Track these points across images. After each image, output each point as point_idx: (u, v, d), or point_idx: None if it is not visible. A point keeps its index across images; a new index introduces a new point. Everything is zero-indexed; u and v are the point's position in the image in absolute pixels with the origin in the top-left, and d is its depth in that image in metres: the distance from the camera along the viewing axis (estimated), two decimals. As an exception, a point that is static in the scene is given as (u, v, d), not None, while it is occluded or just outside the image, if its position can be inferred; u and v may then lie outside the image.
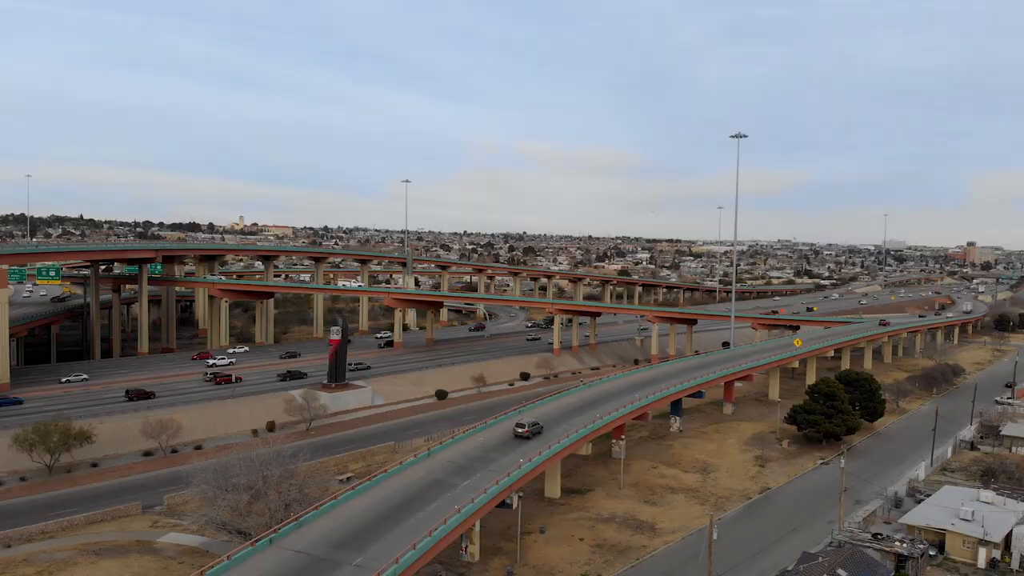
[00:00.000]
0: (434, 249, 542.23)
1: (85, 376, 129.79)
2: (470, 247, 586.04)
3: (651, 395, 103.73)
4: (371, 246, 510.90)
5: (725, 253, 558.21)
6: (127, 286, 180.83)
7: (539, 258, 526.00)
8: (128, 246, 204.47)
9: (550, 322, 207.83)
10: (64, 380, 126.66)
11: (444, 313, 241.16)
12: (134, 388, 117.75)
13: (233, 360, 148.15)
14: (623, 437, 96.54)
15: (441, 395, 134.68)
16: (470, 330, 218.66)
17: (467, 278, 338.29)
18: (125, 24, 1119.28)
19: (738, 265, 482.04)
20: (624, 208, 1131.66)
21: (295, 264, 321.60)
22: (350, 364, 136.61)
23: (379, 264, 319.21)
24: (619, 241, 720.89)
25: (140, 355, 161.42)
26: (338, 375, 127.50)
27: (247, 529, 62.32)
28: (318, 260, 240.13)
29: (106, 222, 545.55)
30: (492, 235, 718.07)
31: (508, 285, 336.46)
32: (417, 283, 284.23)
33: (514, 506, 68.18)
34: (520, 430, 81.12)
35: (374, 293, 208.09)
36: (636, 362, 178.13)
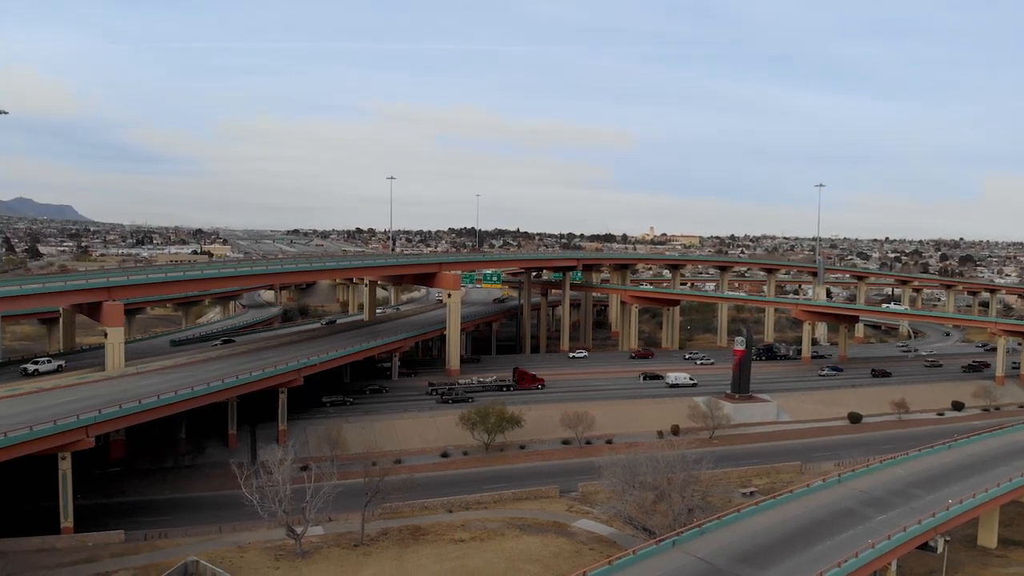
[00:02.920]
0: (849, 257, 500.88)
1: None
2: (892, 255, 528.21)
3: None
4: (778, 255, 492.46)
5: None
6: (553, 290, 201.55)
7: (979, 269, 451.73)
8: (554, 255, 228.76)
9: None
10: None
11: (860, 328, 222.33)
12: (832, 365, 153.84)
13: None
14: (1094, 491, 78.95)
15: (854, 418, 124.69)
16: (900, 348, 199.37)
17: (888, 290, 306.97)
18: (559, 55, 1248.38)
19: None
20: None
21: (700, 272, 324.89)
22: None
23: (787, 273, 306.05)
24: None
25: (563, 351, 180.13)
26: (742, 386, 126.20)
27: (651, 527, 65.56)
28: (723, 269, 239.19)
29: (537, 234, 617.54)
30: (920, 242, 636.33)
31: (939, 299, 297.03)
32: (829, 294, 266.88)
33: (939, 550, 60.63)
34: None
35: (780, 304, 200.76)
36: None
